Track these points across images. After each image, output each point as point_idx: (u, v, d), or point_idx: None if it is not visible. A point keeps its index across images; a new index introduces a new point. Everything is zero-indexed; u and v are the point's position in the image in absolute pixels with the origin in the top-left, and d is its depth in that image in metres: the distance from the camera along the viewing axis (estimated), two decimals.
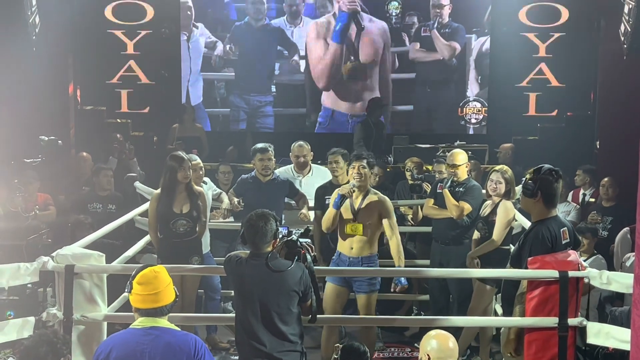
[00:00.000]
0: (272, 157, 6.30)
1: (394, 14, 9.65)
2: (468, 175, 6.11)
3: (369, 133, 8.67)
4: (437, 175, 6.67)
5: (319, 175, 6.60)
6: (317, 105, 9.86)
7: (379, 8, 9.69)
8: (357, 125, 8.99)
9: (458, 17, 9.65)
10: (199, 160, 6.13)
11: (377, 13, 9.67)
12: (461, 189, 5.94)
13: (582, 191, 7.77)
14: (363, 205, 5.40)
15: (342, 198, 5.37)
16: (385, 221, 5.38)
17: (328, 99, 9.85)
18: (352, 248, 5.39)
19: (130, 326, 3.41)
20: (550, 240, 4.31)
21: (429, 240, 6.41)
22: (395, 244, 5.36)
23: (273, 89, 9.87)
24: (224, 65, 9.86)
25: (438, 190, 6.12)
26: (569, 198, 7.59)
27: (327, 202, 5.77)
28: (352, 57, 9.68)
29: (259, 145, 6.34)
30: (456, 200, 5.89)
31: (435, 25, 9.67)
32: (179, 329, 3.47)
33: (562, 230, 4.36)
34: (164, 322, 3.39)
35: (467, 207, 5.88)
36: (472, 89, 9.80)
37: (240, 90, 9.89)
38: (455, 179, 5.98)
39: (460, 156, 6.01)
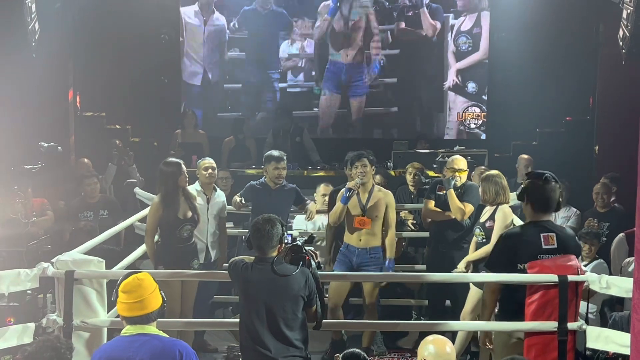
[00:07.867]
0: (286, 167, 6.31)
1: None
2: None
3: (277, 141, 8.87)
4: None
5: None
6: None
7: None
8: (269, 132, 9.22)
9: None
10: (213, 164, 6.22)
11: None
12: (460, 190, 6.04)
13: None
14: (370, 201, 5.81)
15: (350, 193, 5.69)
16: (387, 212, 5.84)
17: None
18: (360, 240, 5.80)
19: (120, 334, 3.41)
20: (513, 245, 4.36)
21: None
22: (391, 235, 5.87)
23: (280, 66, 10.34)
24: (234, 46, 10.27)
25: (438, 192, 6.19)
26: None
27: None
28: None
29: (275, 153, 6.27)
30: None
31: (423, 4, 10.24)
32: (167, 335, 3.45)
33: (545, 234, 4.31)
34: (151, 329, 3.38)
35: (470, 208, 5.97)
36: (450, 62, 10.25)
37: (251, 66, 10.29)
38: (456, 182, 6.03)
39: (462, 162, 6.12)
